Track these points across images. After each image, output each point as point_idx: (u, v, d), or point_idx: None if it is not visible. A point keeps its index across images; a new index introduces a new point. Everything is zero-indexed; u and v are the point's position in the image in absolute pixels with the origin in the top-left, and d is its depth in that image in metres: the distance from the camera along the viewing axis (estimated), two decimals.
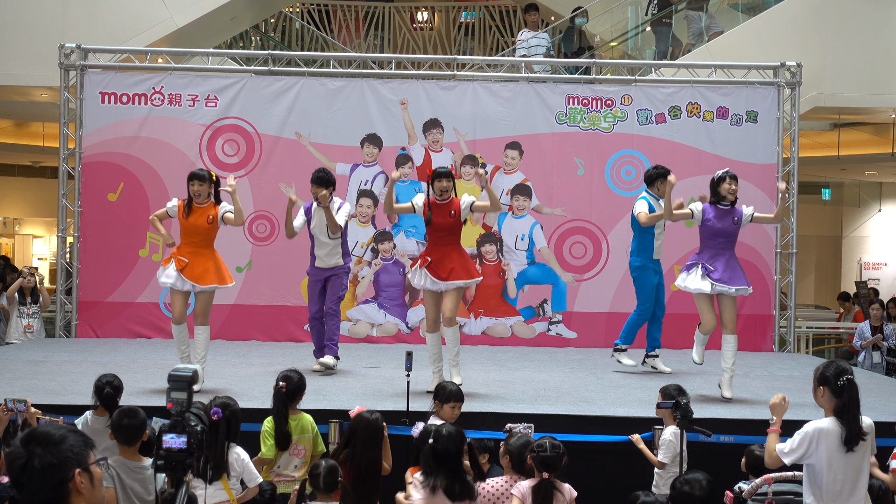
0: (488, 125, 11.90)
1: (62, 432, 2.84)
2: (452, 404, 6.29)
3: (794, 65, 11.96)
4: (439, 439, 5.16)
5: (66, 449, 2.79)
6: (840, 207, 21.72)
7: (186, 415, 3.09)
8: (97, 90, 11.69)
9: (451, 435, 5.20)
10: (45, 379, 8.29)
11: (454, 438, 5.19)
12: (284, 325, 11.66)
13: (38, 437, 2.83)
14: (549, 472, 5.11)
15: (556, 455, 5.14)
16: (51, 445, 2.79)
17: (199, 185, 8.13)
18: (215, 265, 8.17)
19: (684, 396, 6.17)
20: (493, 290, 11.84)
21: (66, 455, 2.78)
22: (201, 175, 8.18)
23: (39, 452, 2.78)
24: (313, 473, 5.11)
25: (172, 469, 3.10)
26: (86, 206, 11.69)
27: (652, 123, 11.91)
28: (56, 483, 2.77)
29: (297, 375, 6.19)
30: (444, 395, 6.33)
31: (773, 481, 5.31)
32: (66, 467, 2.77)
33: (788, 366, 10.59)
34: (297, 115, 11.80)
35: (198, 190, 8.14)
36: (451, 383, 6.52)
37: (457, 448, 5.17)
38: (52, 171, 18.21)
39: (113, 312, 11.60)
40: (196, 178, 8.16)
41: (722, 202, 8.26)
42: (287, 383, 6.09)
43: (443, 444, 5.13)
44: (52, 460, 2.77)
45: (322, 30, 20.51)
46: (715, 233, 8.22)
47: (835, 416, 4.90)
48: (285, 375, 6.15)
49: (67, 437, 2.82)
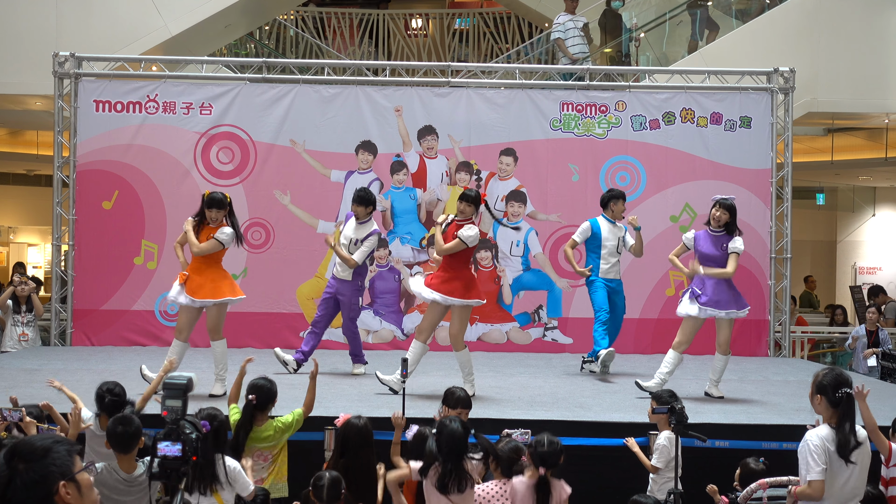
0: (483, 132, 11.92)
1: (46, 443, 2.79)
2: (460, 410, 6.27)
3: (788, 70, 12.00)
4: (443, 432, 5.16)
5: (49, 463, 2.75)
6: (834, 212, 21.75)
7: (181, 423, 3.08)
8: (91, 98, 11.69)
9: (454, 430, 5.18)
10: (41, 387, 8.24)
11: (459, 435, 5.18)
12: (280, 332, 11.64)
13: (21, 451, 2.79)
14: (546, 468, 5.13)
15: (554, 451, 5.16)
16: (34, 461, 2.75)
17: (216, 212, 8.06)
18: (212, 281, 8.11)
19: (678, 402, 6.18)
20: (489, 297, 11.83)
21: (49, 469, 2.75)
22: (220, 201, 8.07)
23: (22, 469, 2.75)
24: (316, 485, 5.10)
25: (167, 477, 3.10)
26: (80, 214, 11.68)
27: (646, 129, 11.93)
28: (41, 498, 2.74)
29: (269, 384, 6.05)
30: (453, 400, 6.29)
31: (768, 486, 5.32)
32: (49, 481, 2.74)
33: (783, 370, 10.60)
34: (292, 123, 11.81)
35: (215, 217, 8.07)
36: (461, 389, 6.46)
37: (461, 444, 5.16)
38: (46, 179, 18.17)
39: (108, 320, 11.59)
40: (215, 206, 8.04)
41: (711, 228, 8.44)
42: (258, 394, 5.94)
43: (447, 438, 5.13)
44: (35, 476, 2.73)
45: (316, 37, 20.52)
46: (703, 258, 8.40)
47: (830, 425, 4.91)
48: (256, 385, 6.00)
49: (51, 450, 2.78)
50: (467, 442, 5.24)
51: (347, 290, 9.43)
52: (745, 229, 11.85)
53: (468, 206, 8.15)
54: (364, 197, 9.29)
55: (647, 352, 11.65)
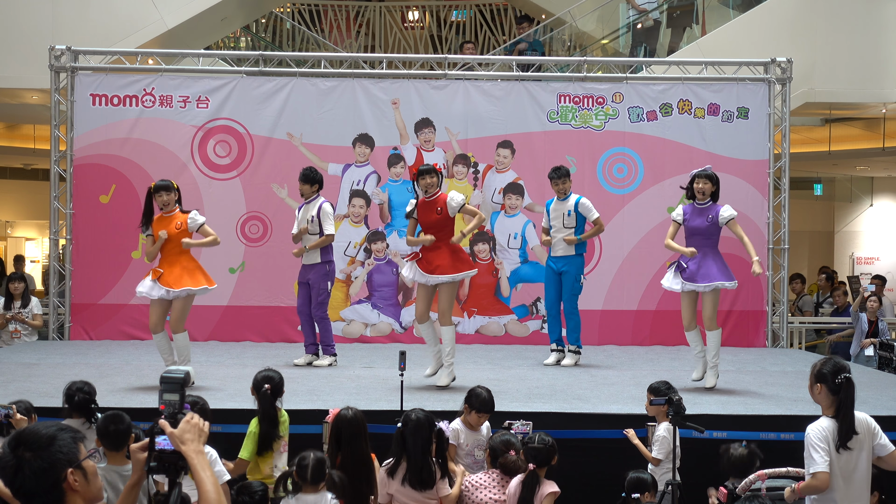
0: (480, 124, 11.91)
1: (51, 431, 2.81)
2: (481, 415, 6.27)
3: (785, 61, 11.99)
4: (408, 425, 5.21)
5: (55, 451, 2.78)
6: (832, 202, 21.76)
7: (178, 416, 3.08)
8: (88, 92, 11.67)
9: (419, 420, 5.25)
10: (39, 382, 8.28)
11: (423, 427, 5.23)
12: (278, 325, 11.65)
13: (26, 440, 2.80)
14: (536, 465, 5.18)
15: (545, 448, 5.21)
16: (40, 449, 2.77)
17: (165, 195, 8.38)
18: (189, 270, 8.35)
19: (675, 393, 6.19)
20: (487, 289, 11.85)
21: (57, 457, 2.77)
22: (167, 185, 8.42)
23: (29, 457, 2.77)
24: (301, 465, 5.01)
25: (165, 471, 3.10)
26: (78, 208, 11.67)
27: (643, 121, 11.93)
28: (50, 485, 2.76)
29: (277, 374, 6.20)
30: (477, 403, 6.28)
31: (767, 477, 5.32)
32: (57, 469, 2.76)
33: (781, 361, 10.61)
34: (289, 116, 11.80)
35: (165, 200, 8.37)
36: (485, 389, 6.39)
37: (426, 437, 5.21)
38: (43, 173, 18.20)
39: (106, 314, 11.58)
40: (163, 189, 8.38)
41: (697, 201, 8.40)
42: (271, 384, 6.07)
43: (411, 431, 5.19)
44: (43, 464, 2.76)
45: (313, 30, 20.49)
46: (691, 231, 8.39)
47: (831, 414, 4.91)
48: (267, 376, 6.12)
49: (56, 437, 2.80)
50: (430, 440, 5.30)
51: (315, 274, 9.49)
52: (743, 220, 11.81)
53: (433, 178, 8.24)
54: (309, 175, 9.54)
55: (645, 343, 11.67)
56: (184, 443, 3.00)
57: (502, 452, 5.51)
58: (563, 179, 9.89)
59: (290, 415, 6.36)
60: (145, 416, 5.52)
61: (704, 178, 8.38)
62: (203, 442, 3.03)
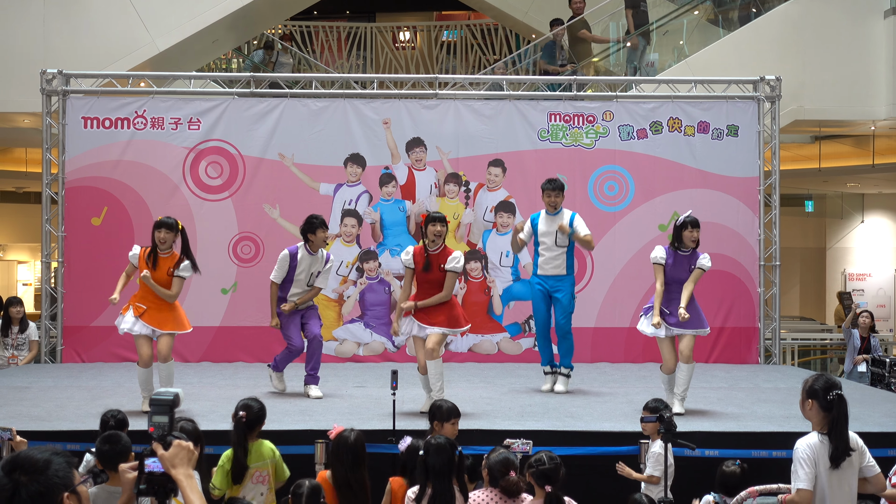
0: (471, 143, 11.95)
1: (46, 456, 2.81)
2: (453, 421, 6.25)
3: (774, 79, 12.06)
4: (430, 450, 5.16)
5: (51, 475, 2.77)
6: (823, 219, 21.85)
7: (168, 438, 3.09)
8: (79, 115, 11.69)
9: (441, 446, 5.19)
10: (30, 405, 8.25)
11: (445, 449, 5.18)
12: (270, 346, 11.57)
13: (21, 463, 2.80)
14: (550, 486, 5.10)
15: (555, 466, 5.15)
16: (36, 473, 2.77)
17: (165, 232, 8.12)
18: (173, 313, 8.23)
19: (667, 410, 6.20)
20: (479, 307, 11.86)
21: (53, 481, 2.76)
22: (169, 223, 8.16)
23: (25, 481, 2.76)
24: (296, 493, 5.03)
25: (155, 493, 3.11)
26: (70, 230, 11.67)
27: (633, 139, 11.98)
28: None
29: (258, 405, 5.92)
30: (443, 413, 6.24)
31: (758, 494, 5.33)
32: (53, 493, 2.76)
33: (774, 377, 10.63)
34: (280, 137, 11.82)
35: (164, 238, 8.13)
36: (444, 401, 6.41)
37: (448, 459, 5.17)
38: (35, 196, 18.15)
39: (98, 337, 11.54)
40: (164, 227, 8.13)
41: (682, 248, 8.31)
42: (247, 412, 5.81)
43: (433, 455, 5.13)
44: (39, 488, 2.75)
45: (304, 51, 20.55)
46: (671, 279, 8.28)
47: (822, 431, 4.88)
48: (245, 405, 5.88)
49: (52, 462, 2.80)
50: (453, 464, 5.24)
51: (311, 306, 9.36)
52: (734, 237, 11.96)
53: (442, 227, 8.13)
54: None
55: (637, 360, 11.66)
56: (174, 466, 3.01)
57: (501, 473, 5.43)
58: (556, 192, 9.44)
59: (282, 436, 6.31)
60: (137, 439, 5.50)
61: (697, 228, 8.25)
62: (192, 466, 3.04)
